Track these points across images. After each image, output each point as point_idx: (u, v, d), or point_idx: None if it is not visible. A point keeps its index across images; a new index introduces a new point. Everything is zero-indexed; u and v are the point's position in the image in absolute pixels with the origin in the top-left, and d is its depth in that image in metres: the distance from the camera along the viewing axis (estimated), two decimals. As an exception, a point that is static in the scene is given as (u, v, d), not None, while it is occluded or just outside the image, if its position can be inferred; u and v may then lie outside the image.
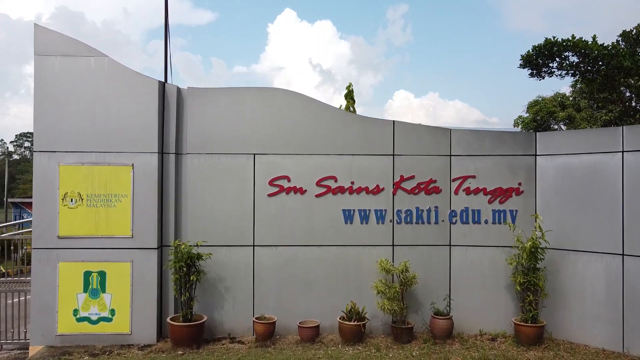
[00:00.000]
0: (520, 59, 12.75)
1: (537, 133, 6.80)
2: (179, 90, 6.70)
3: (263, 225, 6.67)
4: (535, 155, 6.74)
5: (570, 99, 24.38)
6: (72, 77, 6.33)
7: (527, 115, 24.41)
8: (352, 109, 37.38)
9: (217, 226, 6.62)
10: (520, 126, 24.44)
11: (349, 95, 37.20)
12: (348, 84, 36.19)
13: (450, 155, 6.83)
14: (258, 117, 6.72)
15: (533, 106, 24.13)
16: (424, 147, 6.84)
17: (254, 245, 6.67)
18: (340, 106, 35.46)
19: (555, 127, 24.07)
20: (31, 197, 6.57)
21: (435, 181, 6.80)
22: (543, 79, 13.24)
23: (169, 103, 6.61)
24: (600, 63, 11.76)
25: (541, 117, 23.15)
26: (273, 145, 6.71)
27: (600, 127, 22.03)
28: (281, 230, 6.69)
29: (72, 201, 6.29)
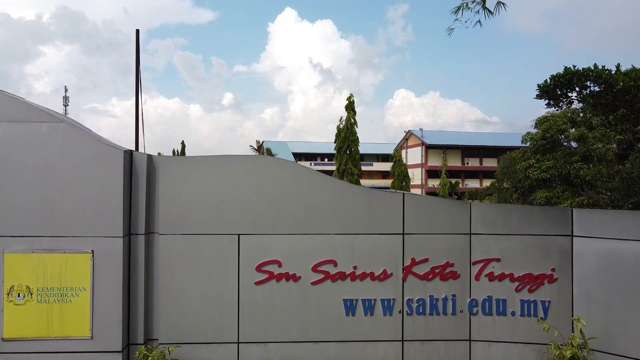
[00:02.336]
0: (537, 89, 11.77)
1: (574, 210, 5.75)
2: (149, 159, 5.67)
3: (249, 318, 5.64)
4: (572, 236, 5.69)
5: (581, 114, 23.32)
6: (21, 146, 5.30)
7: (536, 131, 23.36)
8: (352, 120, 36.35)
9: (196, 320, 5.59)
10: (528, 143, 23.39)
11: (350, 107, 36.34)
12: (349, 95, 35.28)
13: (470, 234, 5.79)
14: (243, 190, 5.69)
15: (542, 122, 23.04)
16: (439, 224, 5.81)
17: (238, 342, 5.63)
18: (341, 118, 34.42)
19: (566, 144, 23.01)
20: None
21: (452, 265, 5.77)
22: (561, 109, 12.31)
23: (138, 175, 5.57)
24: (626, 96, 10.75)
25: (551, 135, 22.05)
26: (261, 224, 5.67)
27: (616, 146, 20.94)
28: (271, 324, 5.66)
29: (19, 296, 5.26)
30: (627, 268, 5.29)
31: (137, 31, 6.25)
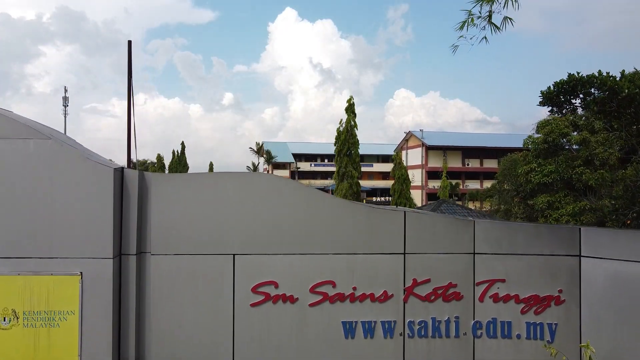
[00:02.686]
0: (540, 96, 11.58)
1: (582, 229, 5.55)
2: (141, 176, 5.46)
3: (245, 341, 5.43)
4: (580, 256, 5.49)
5: (583, 118, 23.08)
6: (6, 163, 5.09)
7: (538, 135, 23.13)
8: (352, 122, 36.11)
9: (189, 344, 5.38)
10: (530, 146, 23.19)
11: (350, 109, 36.08)
12: (349, 97, 35.03)
13: (474, 254, 5.59)
14: (239, 208, 5.48)
15: (544, 126, 22.79)
16: (442, 243, 5.60)
17: (233, 367, 5.43)
18: (341, 120, 34.20)
19: (568, 147, 22.77)
20: None
21: (455, 285, 5.56)
22: (564, 115, 12.07)
23: (129, 193, 5.37)
24: (631, 103, 10.55)
25: (553, 139, 21.77)
26: (257, 243, 5.47)
27: (618, 151, 20.70)
28: (267, 347, 5.45)
29: (5, 320, 5.06)
30: (638, 291, 5.09)
31: (129, 42, 6.00)
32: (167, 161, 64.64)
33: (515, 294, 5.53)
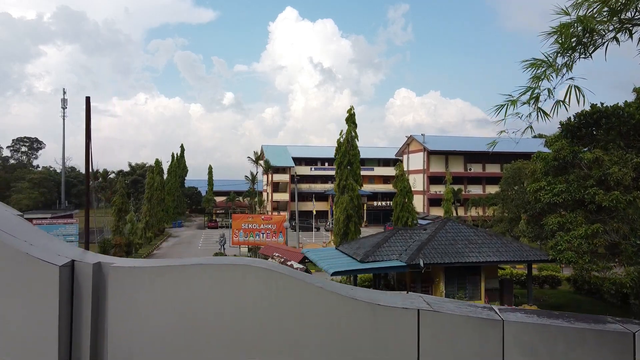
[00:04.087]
0: (560, 127, 10.63)
1: (637, 334, 4.55)
2: (97, 269, 4.46)
3: None
4: (634, 368, 4.50)
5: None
6: None
7: (547, 151, 22.08)
8: (353, 133, 35.29)
9: None
10: (541, 164, 22.15)
11: (350, 119, 35.22)
12: (349, 108, 34.23)
13: (504, 361, 4.60)
14: (217, 307, 4.50)
15: (554, 142, 21.75)
16: (464, 348, 4.60)
17: None
18: (342, 131, 33.18)
19: (580, 162, 21.73)
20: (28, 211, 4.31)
21: (480, 401, 4.57)
22: (586, 148, 11.17)
23: (81, 292, 4.38)
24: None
25: (563, 157, 20.72)
26: (238, 352, 4.48)
27: (633, 170, 19.68)
28: None
29: None
30: None
31: (88, 98, 5.04)
32: (166, 165, 63.70)
33: (553, 412, 4.54)
